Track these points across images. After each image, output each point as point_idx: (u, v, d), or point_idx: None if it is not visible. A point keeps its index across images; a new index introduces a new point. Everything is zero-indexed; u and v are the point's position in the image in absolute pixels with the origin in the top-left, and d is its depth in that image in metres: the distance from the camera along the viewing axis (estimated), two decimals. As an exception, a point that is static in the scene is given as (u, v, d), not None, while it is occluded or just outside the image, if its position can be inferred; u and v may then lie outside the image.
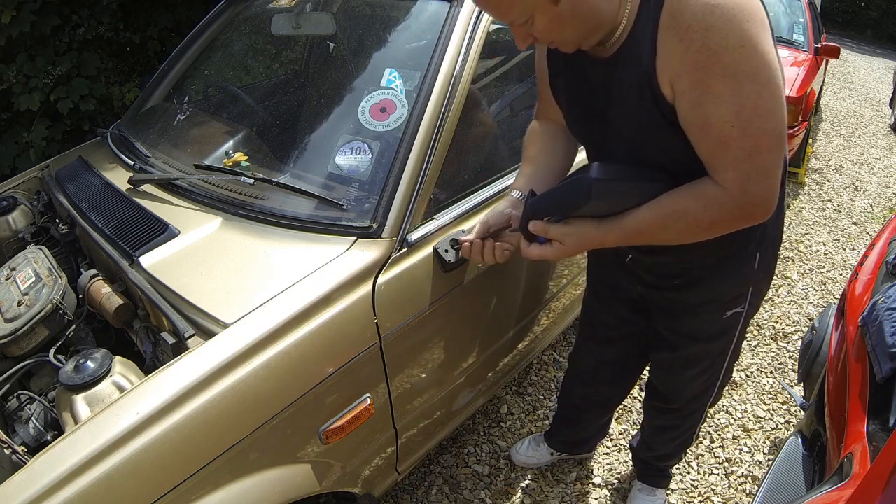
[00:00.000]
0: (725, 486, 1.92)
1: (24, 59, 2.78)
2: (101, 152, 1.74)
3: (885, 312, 1.26)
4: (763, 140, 0.91)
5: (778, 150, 0.92)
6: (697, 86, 0.90)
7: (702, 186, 0.98)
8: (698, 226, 1.00)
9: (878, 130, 5.91)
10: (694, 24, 0.87)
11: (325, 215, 1.30)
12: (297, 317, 1.11)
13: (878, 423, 1.13)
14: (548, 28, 0.93)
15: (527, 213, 1.08)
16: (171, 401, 0.97)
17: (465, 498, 1.83)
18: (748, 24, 0.86)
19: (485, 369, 1.71)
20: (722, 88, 0.88)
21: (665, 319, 1.37)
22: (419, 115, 1.32)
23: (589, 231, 1.05)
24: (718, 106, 0.90)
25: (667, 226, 1.02)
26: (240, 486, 1.05)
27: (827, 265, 3.30)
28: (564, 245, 1.06)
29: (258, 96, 2.06)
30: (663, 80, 0.93)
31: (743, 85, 0.88)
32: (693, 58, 0.88)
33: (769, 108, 0.90)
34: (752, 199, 0.95)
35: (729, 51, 0.86)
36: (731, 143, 0.91)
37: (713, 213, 0.97)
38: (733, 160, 0.92)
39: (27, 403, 1.17)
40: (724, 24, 0.85)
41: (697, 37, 0.87)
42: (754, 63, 0.87)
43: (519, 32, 0.97)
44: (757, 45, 0.87)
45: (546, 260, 1.11)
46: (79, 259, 1.55)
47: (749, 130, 0.90)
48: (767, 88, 0.89)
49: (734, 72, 0.87)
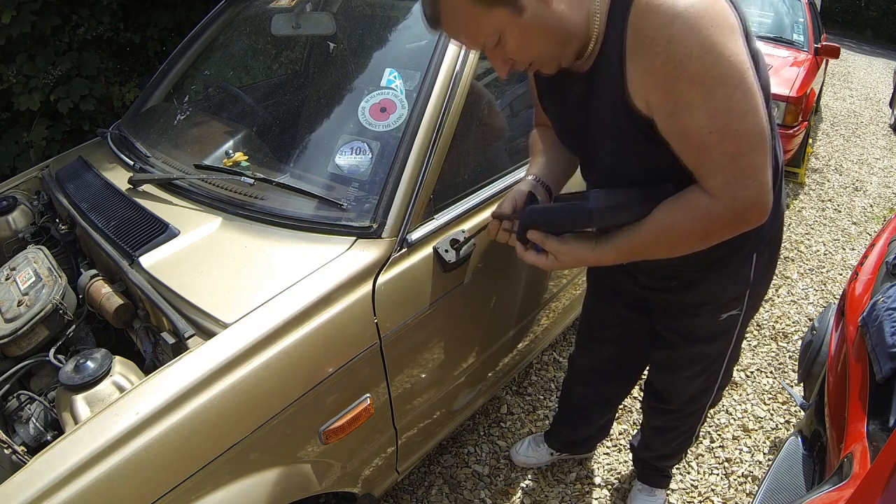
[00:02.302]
0: (725, 486, 1.92)
1: (24, 59, 2.79)
2: (101, 152, 1.74)
3: (885, 312, 1.26)
4: (743, 141, 0.90)
5: (760, 149, 0.92)
6: (669, 97, 0.90)
7: (690, 196, 0.97)
8: (691, 236, 0.99)
9: (878, 130, 5.91)
10: (656, 37, 0.87)
11: (325, 215, 1.30)
12: (297, 317, 1.11)
13: (878, 423, 1.13)
14: (519, 44, 0.94)
15: (524, 222, 1.09)
16: (171, 401, 0.97)
17: (465, 498, 1.83)
18: (710, 29, 0.86)
19: (485, 369, 1.71)
20: (692, 97, 0.88)
21: (663, 319, 1.37)
22: (419, 115, 1.32)
23: (584, 254, 1.07)
24: (692, 114, 0.90)
25: (660, 240, 1.01)
26: (240, 486, 1.05)
27: (827, 265, 3.30)
28: (559, 260, 1.08)
29: (258, 96, 2.06)
30: (636, 95, 0.94)
31: (713, 90, 0.88)
32: (660, 70, 0.89)
33: (744, 110, 0.89)
34: (742, 202, 0.94)
35: (693, 59, 0.86)
36: (712, 149, 0.91)
37: (704, 223, 0.97)
38: (718, 166, 0.92)
39: (27, 403, 1.17)
40: (685, 34, 0.85)
41: (661, 49, 0.87)
42: (721, 68, 0.87)
43: (495, 58, 0.98)
44: (722, 50, 0.86)
45: (539, 267, 1.12)
46: (79, 259, 1.55)
47: (727, 134, 0.90)
48: (739, 90, 0.88)
49: (702, 79, 0.87)
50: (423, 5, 0.94)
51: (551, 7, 0.90)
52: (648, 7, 0.87)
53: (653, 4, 0.87)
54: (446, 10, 0.92)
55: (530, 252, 1.11)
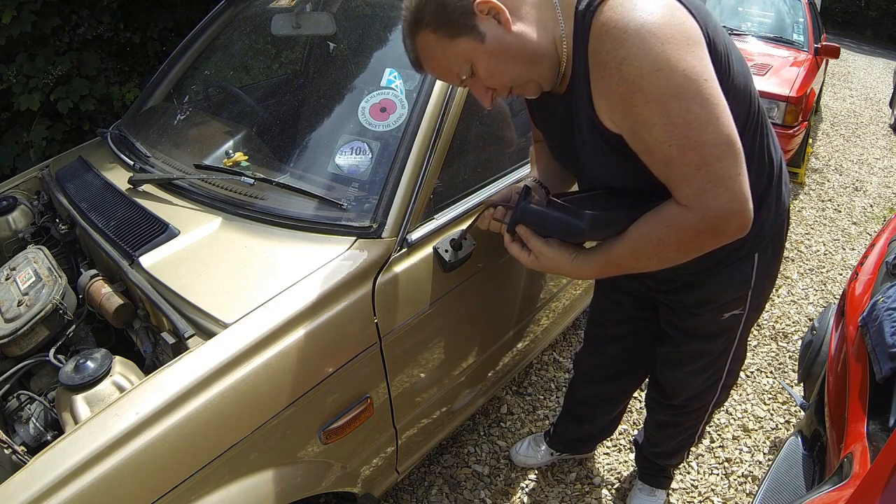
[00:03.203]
0: (725, 486, 1.92)
1: (24, 59, 2.78)
2: (101, 152, 1.74)
3: (885, 312, 1.26)
4: (707, 151, 0.89)
5: (730, 157, 0.90)
6: (627, 116, 0.92)
7: (664, 208, 0.97)
8: (666, 247, 0.98)
9: (878, 130, 5.91)
10: (609, 59, 0.88)
11: (325, 215, 1.30)
12: (297, 317, 1.11)
13: (878, 423, 1.13)
14: (490, 70, 0.97)
15: (515, 217, 1.10)
16: (171, 401, 0.97)
17: (465, 498, 1.83)
18: (662, 46, 0.85)
19: (485, 369, 1.71)
20: (648, 114, 0.89)
21: (668, 316, 1.39)
22: (419, 115, 1.32)
23: (563, 264, 1.08)
24: (651, 130, 0.90)
25: (637, 253, 1.01)
26: (240, 486, 1.05)
27: (827, 265, 3.30)
28: (538, 261, 1.09)
29: (258, 96, 2.06)
30: (602, 115, 0.97)
31: (668, 105, 0.87)
32: (615, 91, 0.90)
33: (704, 120, 0.88)
34: (714, 213, 0.92)
35: (645, 77, 0.86)
36: (674, 162, 0.91)
37: (677, 234, 0.96)
38: (683, 177, 0.92)
39: (27, 403, 1.17)
40: (636, 54, 0.86)
41: (614, 72, 0.88)
42: (674, 82, 0.86)
43: (476, 89, 1.02)
44: (676, 66, 0.86)
45: (520, 261, 1.13)
46: (79, 259, 1.55)
47: (688, 146, 0.89)
48: (697, 101, 0.87)
49: (656, 96, 0.87)
50: (406, 51, 1.02)
51: (511, 30, 0.94)
52: (603, 29, 0.88)
53: (607, 27, 0.88)
54: (422, 50, 0.99)
55: (515, 245, 1.13)
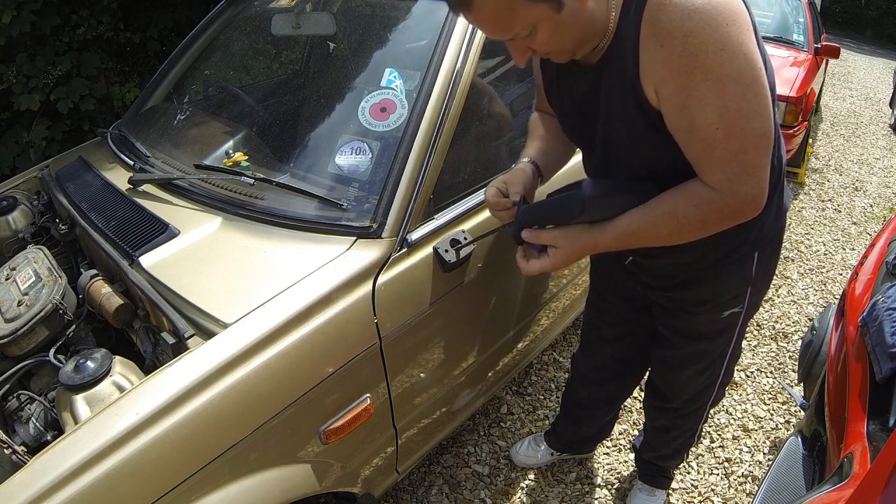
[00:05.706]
0: (725, 486, 1.92)
1: (24, 59, 2.78)
2: (101, 152, 1.74)
3: (885, 312, 1.26)
4: (748, 140, 0.91)
5: (764, 148, 0.93)
6: (681, 90, 0.91)
7: (692, 186, 0.99)
8: (689, 224, 1.01)
9: (878, 130, 5.91)
10: (673, 30, 0.87)
11: (325, 215, 1.30)
12: (297, 317, 1.11)
13: (878, 423, 1.13)
14: (549, 38, 0.94)
15: (518, 222, 1.09)
16: (171, 401, 0.97)
17: (465, 498, 1.83)
18: (729, 27, 0.86)
19: (485, 369, 1.71)
20: (705, 92, 0.89)
21: (664, 318, 1.38)
22: (419, 115, 1.32)
23: (580, 234, 1.07)
24: (703, 109, 0.90)
25: (658, 226, 1.02)
26: (240, 486, 1.05)
27: (827, 265, 3.30)
28: (558, 248, 1.08)
29: (258, 96, 2.06)
30: (647, 86, 0.95)
31: (726, 87, 0.88)
32: (675, 63, 0.89)
33: (753, 109, 0.90)
34: (740, 197, 0.96)
35: (710, 55, 0.86)
36: (716, 145, 0.92)
37: (703, 212, 0.98)
38: (720, 161, 0.93)
39: (27, 403, 1.17)
40: (703, 29, 0.86)
41: (678, 42, 0.87)
42: (737, 65, 0.87)
43: (518, 47, 0.98)
44: (739, 48, 0.87)
45: (546, 271, 1.12)
46: (79, 259, 1.55)
47: (734, 132, 0.91)
48: (751, 89, 0.89)
49: (716, 75, 0.88)
50: None
51: (586, 5, 0.92)
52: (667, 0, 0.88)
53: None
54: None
55: (533, 261, 1.11)
